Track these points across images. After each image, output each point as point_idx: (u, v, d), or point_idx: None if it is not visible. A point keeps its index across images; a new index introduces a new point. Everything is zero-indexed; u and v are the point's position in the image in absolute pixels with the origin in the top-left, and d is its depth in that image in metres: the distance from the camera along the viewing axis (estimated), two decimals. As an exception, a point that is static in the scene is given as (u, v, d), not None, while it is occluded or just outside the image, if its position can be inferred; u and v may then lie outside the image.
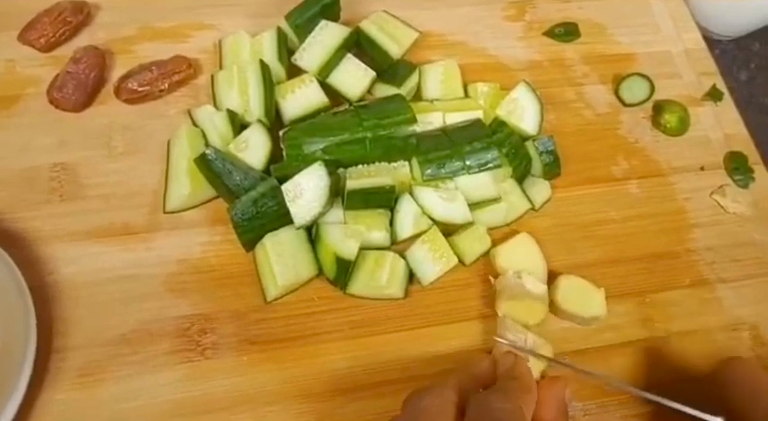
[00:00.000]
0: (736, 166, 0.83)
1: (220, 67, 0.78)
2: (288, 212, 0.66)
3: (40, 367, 0.62)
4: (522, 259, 0.70)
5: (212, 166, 0.67)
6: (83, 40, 0.80)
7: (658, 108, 0.85)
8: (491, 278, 0.70)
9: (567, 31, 0.90)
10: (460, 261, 0.71)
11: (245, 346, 0.66)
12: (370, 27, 0.79)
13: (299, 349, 0.66)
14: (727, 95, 0.89)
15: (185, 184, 0.69)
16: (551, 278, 0.71)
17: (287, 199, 0.65)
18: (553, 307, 0.69)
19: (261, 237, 0.67)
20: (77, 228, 0.69)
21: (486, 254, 0.72)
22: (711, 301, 0.74)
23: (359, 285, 0.67)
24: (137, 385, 0.63)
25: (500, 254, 0.70)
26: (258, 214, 0.66)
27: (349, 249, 0.65)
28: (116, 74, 0.78)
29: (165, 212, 0.70)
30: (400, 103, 0.71)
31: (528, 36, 0.90)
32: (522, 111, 0.76)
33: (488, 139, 0.72)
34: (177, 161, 0.70)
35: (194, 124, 0.74)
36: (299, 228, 0.66)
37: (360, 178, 0.67)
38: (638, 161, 0.82)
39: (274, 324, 0.67)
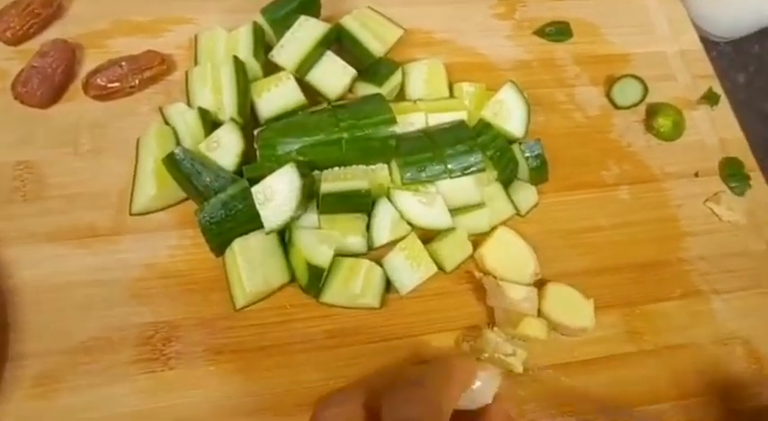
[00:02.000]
0: (732, 173, 0.80)
1: (195, 64, 0.75)
2: (259, 216, 0.62)
3: (-6, 376, 0.58)
4: (510, 257, 0.67)
5: (180, 167, 0.64)
6: (53, 33, 0.76)
7: (652, 111, 0.82)
8: (476, 273, 0.67)
9: (558, 31, 0.87)
10: (440, 268, 0.68)
11: (212, 356, 0.63)
12: (351, 23, 0.76)
13: (269, 359, 0.63)
14: (723, 99, 0.86)
15: (152, 185, 0.66)
16: (538, 286, 0.67)
17: (257, 202, 0.62)
18: (540, 315, 0.66)
19: (231, 241, 0.64)
20: (39, 230, 0.66)
21: (468, 259, 0.69)
22: (703, 314, 0.71)
23: (333, 293, 0.64)
24: (96, 396, 0.60)
25: (486, 254, 0.67)
26: (228, 217, 0.63)
27: (322, 256, 0.62)
28: (86, 68, 0.75)
29: (131, 214, 0.67)
30: (379, 104, 0.68)
31: (517, 35, 0.87)
32: (509, 113, 0.73)
33: (472, 142, 0.69)
34: (145, 161, 0.67)
35: (166, 122, 0.71)
36: (269, 233, 0.63)
37: (335, 181, 0.64)
38: (629, 166, 0.79)
39: (244, 332, 0.64)
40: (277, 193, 0.62)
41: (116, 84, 0.71)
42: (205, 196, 0.64)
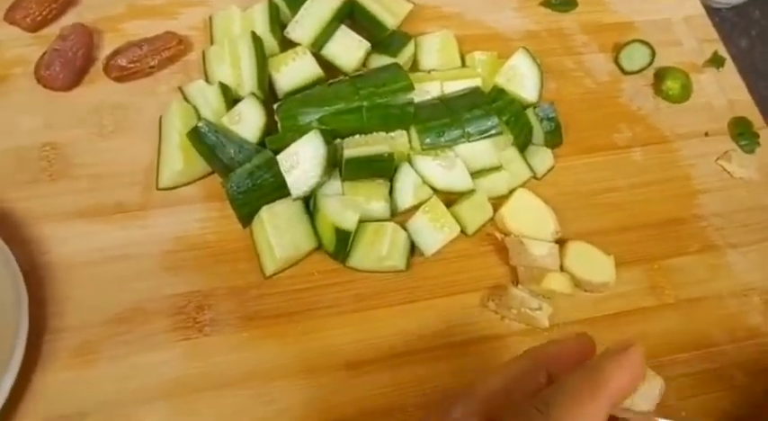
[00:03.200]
0: (741, 132, 0.81)
1: (212, 43, 0.76)
2: (284, 184, 0.64)
3: (34, 349, 0.60)
4: (530, 217, 0.69)
5: (205, 140, 0.65)
6: (70, 19, 0.78)
7: (660, 75, 0.83)
8: (497, 235, 0.68)
9: (564, 1, 0.89)
10: (463, 231, 0.69)
11: (245, 322, 0.64)
12: (363, -3, 0.77)
13: (299, 324, 0.65)
14: (729, 61, 0.87)
15: (178, 160, 0.67)
16: (559, 245, 0.69)
17: (283, 169, 0.63)
18: (562, 272, 0.67)
19: (257, 210, 0.65)
20: (69, 208, 0.67)
21: (489, 222, 0.70)
22: (721, 267, 0.73)
23: (359, 257, 0.65)
24: (133, 364, 0.61)
25: (507, 215, 0.68)
26: (254, 187, 0.64)
27: (348, 220, 0.64)
28: (105, 53, 0.76)
29: (158, 189, 0.68)
30: (396, 71, 0.69)
31: (524, 6, 0.89)
32: (522, 79, 0.75)
33: (488, 106, 0.70)
34: (169, 137, 0.69)
35: (186, 101, 0.72)
36: (295, 200, 0.64)
37: (357, 147, 0.65)
38: (640, 129, 0.81)
39: (274, 299, 0.65)
40: (302, 160, 0.63)
41: (136, 64, 0.72)
42: (230, 168, 0.66)
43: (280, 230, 0.64)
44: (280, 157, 0.63)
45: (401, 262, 0.65)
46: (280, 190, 0.65)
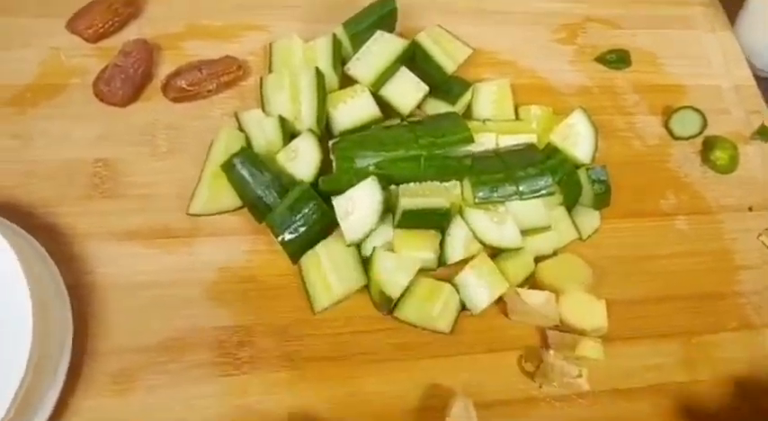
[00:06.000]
0: (784, 209, 0.82)
1: (269, 71, 0.76)
2: (328, 216, 0.64)
3: (74, 370, 0.59)
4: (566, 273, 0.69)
5: (237, 174, 0.66)
6: (130, 32, 0.77)
7: (709, 144, 0.84)
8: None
9: (618, 58, 0.89)
10: (504, 286, 0.69)
11: (284, 363, 0.64)
12: (425, 40, 0.77)
13: (337, 369, 0.64)
14: (775, 135, 0.87)
15: (210, 189, 0.68)
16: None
17: (338, 215, 0.63)
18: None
19: (307, 246, 0.65)
20: (117, 228, 0.67)
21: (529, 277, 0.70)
22: (756, 347, 0.73)
23: (408, 311, 0.65)
24: (171, 396, 0.61)
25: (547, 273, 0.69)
26: (299, 222, 0.64)
27: (398, 285, 0.63)
28: (162, 70, 0.76)
29: (187, 214, 0.68)
30: (457, 122, 0.69)
31: (579, 60, 0.89)
32: (577, 138, 0.75)
33: (543, 165, 0.70)
34: (211, 164, 0.69)
35: (240, 128, 0.72)
36: (349, 245, 0.64)
37: (414, 197, 0.65)
38: (686, 196, 0.81)
39: (314, 341, 0.65)
40: (359, 207, 0.63)
41: (195, 87, 0.72)
42: (257, 206, 0.66)
43: (337, 266, 0.64)
44: (336, 202, 0.63)
45: (448, 326, 0.66)
46: (326, 225, 0.65)
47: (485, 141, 0.73)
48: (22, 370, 0.52)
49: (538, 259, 0.71)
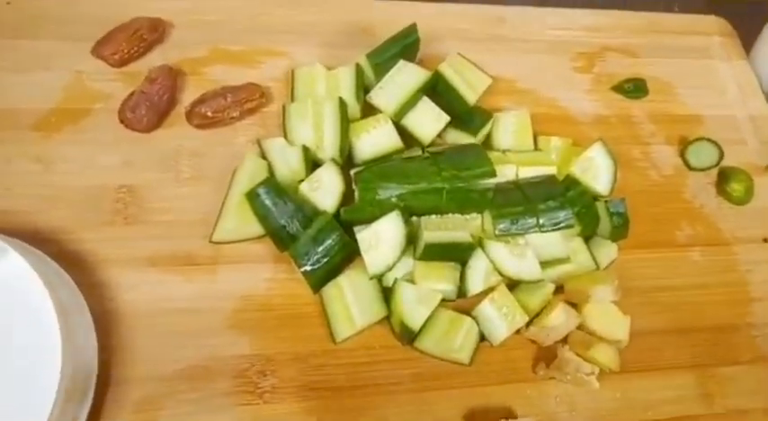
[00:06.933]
0: (799, 241, 0.82)
1: (292, 98, 0.77)
2: (350, 246, 0.65)
3: (99, 397, 0.60)
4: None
5: (261, 203, 0.66)
6: (154, 57, 0.78)
7: (725, 175, 0.84)
8: None
9: (636, 88, 0.90)
10: (522, 318, 0.69)
11: (304, 392, 0.64)
12: (447, 70, 0.77)
13: (357, 399, 0.65)
14: (790, 168, 0.88)
15: (233, 217, 0.68)
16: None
17: (362, 248, 0.64)
18: (582, 327, 0.69)
19: (328, 278, 0.66)
20: (140, 254, 0.67)
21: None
22: (770, 380, 0.73)
23: (429, 342, 0.66)
24: (193, 425, 0.61)
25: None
26: (322, 252, 0.65)
27: (418, 317, 0.64)
28: (186, 95, 0.76)
29: (210, 241, 0.68)
30: (480, 156, 0.70)
31: (596, 89, 0.90)
32: (597, 171, 0.75)
33: (563, 198, 0.71)
34: (234, 192, 0.69)
35: (262, 155, 0.73)
36: (372, 279, 0.64)
37: (436, 230, 0.66)
38: (701, 228, 0.81)
39: (335, 370, 0.66)
40: (382, 241, 0.64)
41: (219, 114, 0.73)
42: (279, 236, 0.67)
43: (359, 298, 0.65)
44: (359, 236, 0.64)
45: (468, 357, 0.66)
46: (346, 255, 0.66)
47: (505, 172, 0.74)
48: (51, 401, 0.52)
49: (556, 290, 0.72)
